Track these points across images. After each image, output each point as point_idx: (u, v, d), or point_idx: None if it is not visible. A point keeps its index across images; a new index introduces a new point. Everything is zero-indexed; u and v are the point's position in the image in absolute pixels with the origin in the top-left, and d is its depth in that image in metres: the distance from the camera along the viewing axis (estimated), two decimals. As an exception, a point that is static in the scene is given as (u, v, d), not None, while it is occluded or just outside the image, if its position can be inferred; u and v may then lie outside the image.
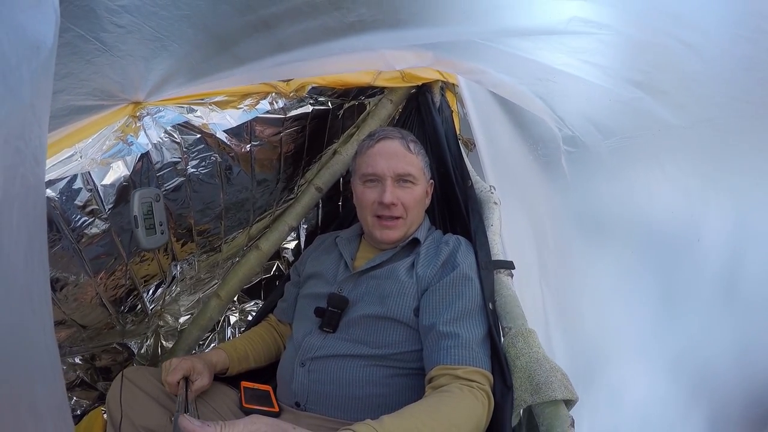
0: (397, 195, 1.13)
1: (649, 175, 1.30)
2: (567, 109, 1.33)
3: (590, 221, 1.38)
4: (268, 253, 1.59)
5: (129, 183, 1.02)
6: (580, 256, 1.37)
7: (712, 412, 1.25)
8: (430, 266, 1.08)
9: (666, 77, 1.16)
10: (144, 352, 1.59)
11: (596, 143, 1.31)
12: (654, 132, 1.25)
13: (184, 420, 0.67)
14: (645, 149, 1.28)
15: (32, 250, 0.47)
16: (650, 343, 1.31)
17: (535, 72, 1.24)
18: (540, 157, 1.42)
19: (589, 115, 1.31)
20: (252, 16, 0.89)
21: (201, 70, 0.98)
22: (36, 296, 0.49)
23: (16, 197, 0.44)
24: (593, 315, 1.33)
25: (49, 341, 0.51)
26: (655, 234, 1.30)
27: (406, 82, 1.42)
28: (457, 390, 0.85)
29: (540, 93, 1.30)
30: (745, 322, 1.20)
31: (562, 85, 1.24)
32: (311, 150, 1.46)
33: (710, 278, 1.24)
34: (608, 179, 1.35)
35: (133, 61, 0.87)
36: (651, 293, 1.31)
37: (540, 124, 1.39)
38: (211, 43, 0.92)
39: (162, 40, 0.86)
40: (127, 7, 0.77)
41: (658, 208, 1.29)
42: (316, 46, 1.03)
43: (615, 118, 1.28)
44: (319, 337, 1.07)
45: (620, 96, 1.20)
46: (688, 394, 1.27)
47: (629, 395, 1.29)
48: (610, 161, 1.31)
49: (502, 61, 1.22)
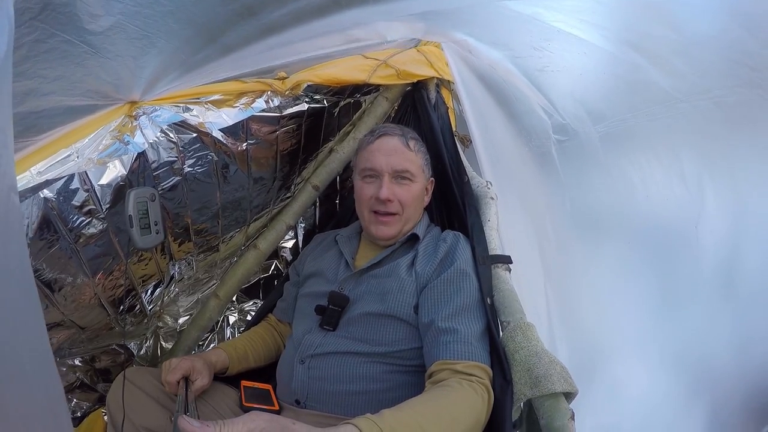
0: (393, 191, 1.13)
1: (643, 163, 1.29)
2: (558, 90, 1.31)
3: (586, 215, 1.37)
4: (266, 253, 1.58)
5: (126, 182, 1.01)
6: (578, 250, 1.37)
7: (713, 405, 1.25)
8: (428, 263, 1.09)
9: (664, 39, 1.14)
10: (144, 353, 1.59)
11: (587, 130, 1.29)
12: (648, 113, 1.23)
13: (183, 421, 0.67)
14: (638, 134, 1.26)
15: (7, 262, 0.47)
16: (650, 338, 1.30)
17: (531, 39, 1.22)
18: (534, 149, 1.41)
19: (581, 96, 1.29)
20: (236, 4, 0.89)
21: (192, 63, 0.98)
22: (21, 310, 0.48)
23: None
24: (593, 310, 1.33)
25: (42, 349, 0.51)
26: (652, 228, 1.29)
27: (401, 80, 1.42)
28: (456, 384, 0.85)
29: (532, 70, 1.29)
30: (745, 315, 1.20)
31: (558, 56, 1.22)
32: (307, 148, 1.45)
33: (710, 272, 1.24)
34: (601, 170, 1.33)
35: (123, 61, 0.87)
36: (650, 288, 1.31)
37: (531, 114, 1.38)
38: (198, 35, 0.93)
39: (149, 38, 0.86)
40: (109, 9, 0.78)
41: (654, 200, 1.28)
42: (304, 26, 1.03)
43: (608, 99, 1.26)
44: (319, 335, 1.07)
45: (617, 62, 1.18)
46: (689, 388, 1.27)
47: (630, 390, 1.29)
48: (603, 150, 1.30)
49: (498, 25, 1.21)
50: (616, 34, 1.19)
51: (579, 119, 1.30)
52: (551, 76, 1.31)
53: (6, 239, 0.47)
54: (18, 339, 0.47)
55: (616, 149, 1.31)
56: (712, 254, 1.23)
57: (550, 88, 1.34)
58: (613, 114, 1.29)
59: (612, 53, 1.21)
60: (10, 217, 0.48)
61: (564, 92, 1.33)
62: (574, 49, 1.24)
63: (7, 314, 0.47)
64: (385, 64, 1.36)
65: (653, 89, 1.22)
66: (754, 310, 1.19)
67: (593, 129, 1.30)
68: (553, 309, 1.26)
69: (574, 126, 1.31)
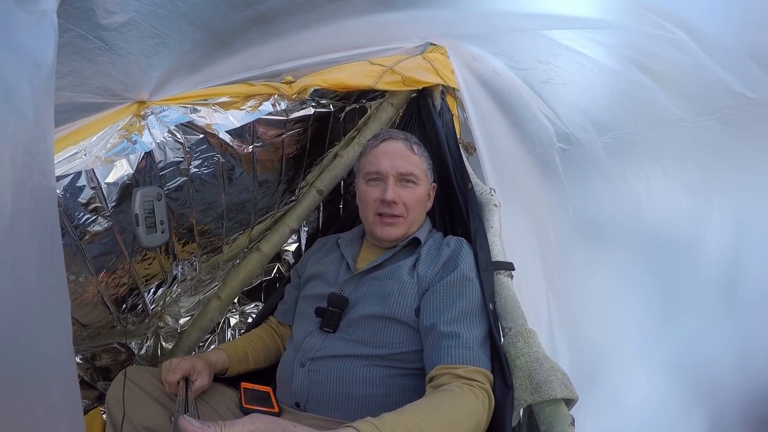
0: (398, 194, 1.14)
1: (648, 173, 1.29)
2: (562, 101, 1.32)
3: (589, 223, 1.38)
4: (268, 255, 1.59)
5: (132, 181, 1.02)
6: (580, 258, 1.37)
7: (713, 412, 1.24)
8: (431, 267, 1.09)
9: (673, 60, 1.15)
10: (144, 352, 1.59)
11: (591, 140, 1.30)
12: (654, 127, 1.23)
13: (184, 421, 0.67)
14: (644, 146, 1.27)
15: (44, 261, 0.49)
16: (651, 346, 1.30)
17: (537, 53, 1.23)
18: (537, 156, 1.42)
19: (586, 108, 1.29)
20: (249, 11, 0.90)
21: (201, 66, 0.99)
22: (49, 306, 0.50)
23: (26, 210, 0.45)
24: (595, 317, 1.32)
25: (64, 347, 0.53)
26: (655, 236, 1.29)
27: (407, 86, 1.43)
28: (457, 389, 0.85)
29: (536, 81, 1.30)
30: (745, 323, 1.19)
31: (563, 70, 1.24)
32: (312, 152, 1.46)
33: (711, 281, 1.23)
34: (605, 179, 1.33)
35: (135, 59, 0.89)
36: (651, 296, 1.30)
37: (534, 122, 1.39)
38: (210, 39, 0.94)
39: (161, 37, 0.87)
40: (124, 6, 0.79)
41: (658, 210, 1.28)
42: (311, 31, 1.04)
43: (613, 111, 1.26)
44: (319, 338, 1.07)
45: (622, 80, 1.19)
46: (689, 396, 1.27)
47: (631, 397, 1.28)
48: (607, 160, 1.30)
49: (503, 36, 1.22)
50: (623, 53, 1.20)
51: (583, 129, 1.31)
52: (555, 88, 1.32)
53: (43, 245, 0.49)
54: (45, 340, 0.49)
55: (620, 160, 1.31)
56: (715, 264, 1.22)
57: (554, 99, 1.34)
58: (619, 127, 1.29)
59: (619, 72, 1.22)
60: (49, 223, 0.50)
61: (568, 103, 1.34)
62: (580, 65, 1.24)
63: (45, 315, 0.49)
64: (391, 70, 1.38)
65: (658, 109, 1.22)
66: (755, 320, 1.19)
67: (598, 139, 1.31)
68: (554, 316, 1.26)
69: (578, 135, 1.32)
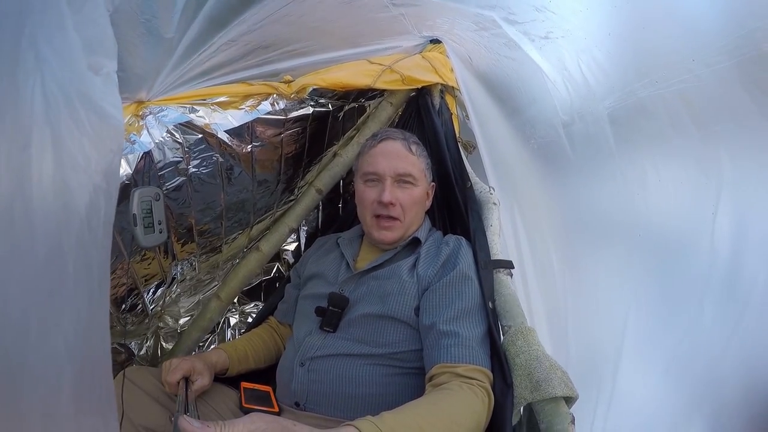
0: (396, 195, 1.14)
1: (658, 161, 1.22)
2: (564, 61, 1.26)
3: (591, 217, 1.36)
4: (268, 255, 1.59)
5: (131, 181, 1.02)
6: (581, 255, 1.37)
7: (715, 413, 1.24)
8: (430, 266, 1.09)
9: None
10: (144, 353, 1.59)
11: (596, 110, 1.22)
12: (659, 78, 1.15)
13: (184, 421, 0.67)
14: (651, 113, 1.18)
15: (91, 278, 0.56)
16: (652, 344, 1.30)
17: None
18: (540, 141, 1.39)
19: (587, 64, 1.23)
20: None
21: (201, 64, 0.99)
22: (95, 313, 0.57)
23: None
24: (595, 315, 1.32)
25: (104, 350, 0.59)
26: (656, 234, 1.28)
27: (406, 85, 1.43)
28: (457, 387, 0.85)
29: (537, 38, 1.25)
30: (748, 324, 1.19)
31: (559, 16, 1.19)
32: (311, 151, 1.46)
33: (713, 278, 1.22)
34: (611, 169, 1.29)
35: (132, 58, 0.88)
36: (652, 294, 1.30)
37: (533, 104, 1.36)
38: (208, 28, 0.93)
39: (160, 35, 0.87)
40: None
41: (662, 202, 1.24)
42: None
43: (616, 64, 1.20)
44: (319, 337, 1.07)
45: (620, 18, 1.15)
46: (691, 396, 1.26)
47: (630, 396, 1.28)
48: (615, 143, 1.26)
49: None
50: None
51: (588, 98, 1.25)
52: (556, 44, 1.26)
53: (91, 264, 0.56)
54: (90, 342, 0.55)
55: (626, 142, 1.25)
56: (717, 261, 1.21)
57: (556, 60, 1.29)
58: (623, 84, 1.21)
59: (616, 5, 1.16)
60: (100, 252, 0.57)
61: (569, 62, 1.27)
62: (576, 6, 1.19)
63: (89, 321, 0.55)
64: (390, 69, 1.37)
65: (663, 49, 1.13)
66: (758, 320, 1.18)
67: (602, 105, 1.23)
68: (553, 314, 1.26)
69: (581, 108, 1.27)
